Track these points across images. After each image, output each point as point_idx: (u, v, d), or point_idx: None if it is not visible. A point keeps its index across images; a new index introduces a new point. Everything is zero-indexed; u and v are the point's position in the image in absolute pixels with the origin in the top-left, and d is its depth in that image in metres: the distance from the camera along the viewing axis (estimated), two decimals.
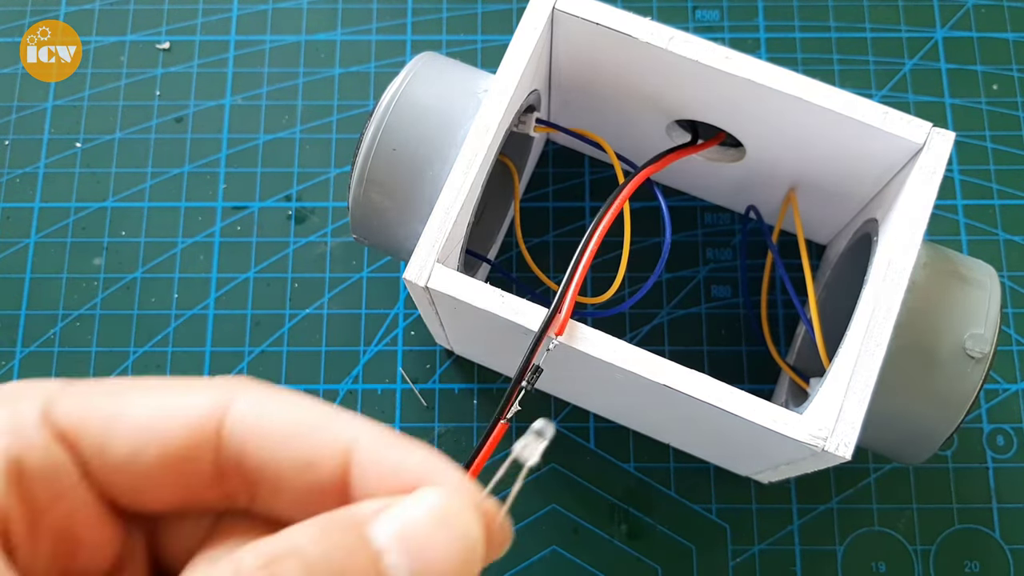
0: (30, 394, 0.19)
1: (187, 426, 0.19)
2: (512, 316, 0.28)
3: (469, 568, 0.18)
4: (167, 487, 0.20)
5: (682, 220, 0.41)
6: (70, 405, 0.19)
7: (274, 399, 0.20)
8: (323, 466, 0.19)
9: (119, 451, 0.19)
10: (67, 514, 0.19)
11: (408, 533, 0.17)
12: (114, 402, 0.19)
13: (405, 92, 0.32)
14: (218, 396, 0.19)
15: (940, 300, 0.30)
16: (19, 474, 0.18)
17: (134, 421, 0.19)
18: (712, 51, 0.31)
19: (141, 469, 0.19)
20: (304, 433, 0.19)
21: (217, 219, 0.42)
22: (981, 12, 0.44)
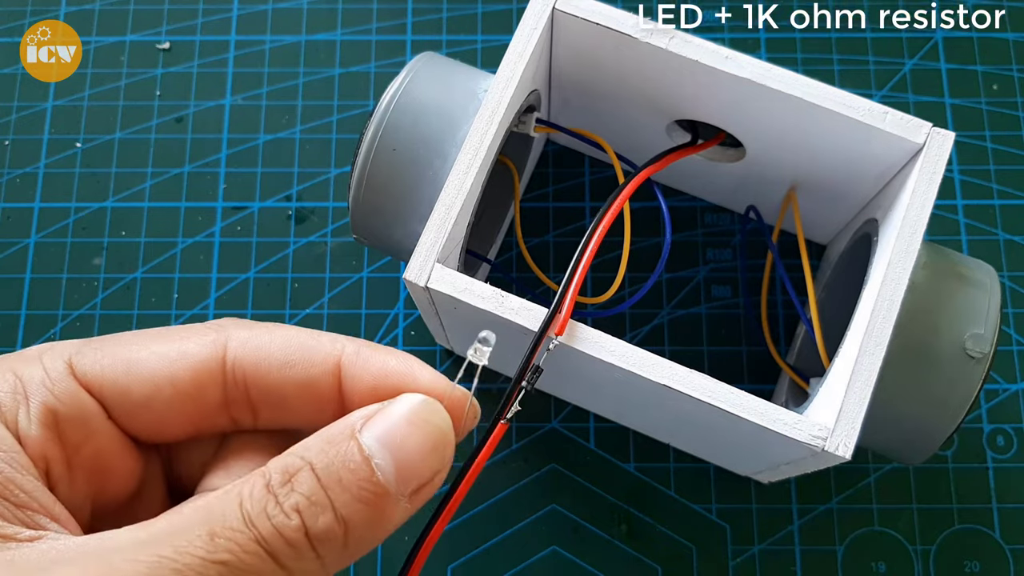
0: (54, 351, 0.23)
1: (193, 366, 0.23)
2: (512, 316, 0.28)
3: (442, 452, 0.22)
4: (182, 419, 0.23)
5: (682, 220, 0.41)
6: (90, 358, 0.23)
7: (265, 332, 0.23)
8: (319, 381, 0.23)
9: (138, 394, 0.22)
10: (96, 451, 0.23)
11: (388, 435, 0.21)
12: (128, 351, 0.23)
13: (405, 92, 0.32)
14: (215, 337, 0.23)
15: (940, 300, 0.30)
16: (54, 421, 0.22)
17: (148, 366, 0.22)
18: (712, 51, 0.31)
19: (158, 407, 0.23)
20: (297, 356, 0.23)
21: (217, 219, 0.42)
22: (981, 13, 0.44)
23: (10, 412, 0.21)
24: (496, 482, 0.38)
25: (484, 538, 0.38)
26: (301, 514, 0.20)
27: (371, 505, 0.21)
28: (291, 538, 0.20)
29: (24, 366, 0.22)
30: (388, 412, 0.22)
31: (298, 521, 0.20)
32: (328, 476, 0.21)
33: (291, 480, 0.21)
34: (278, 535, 0.20)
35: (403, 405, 0.22)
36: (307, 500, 0.21)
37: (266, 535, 0.20)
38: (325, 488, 0.21)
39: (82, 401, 0.22)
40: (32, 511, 0.21)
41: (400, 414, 0.22)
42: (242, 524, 0.20)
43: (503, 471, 0.38)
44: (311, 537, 0.20)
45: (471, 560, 0.37)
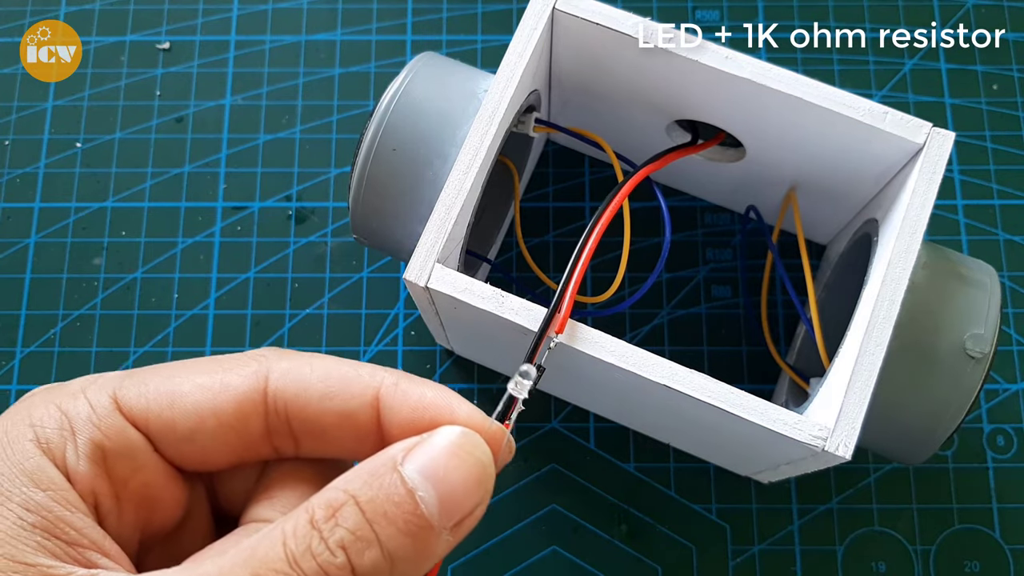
0: (98, 385, 0.23)
1: (236, 399, 0.23)
2: (512, 316, 0.28)
3: (484, 485, 0.22)
4: (225, 450, 0.23)
5: (682, 220, 0.41)
6: (135, 391, 0.23)
7: (305, 363, 0.24)
8: (358, 413, 0.23)
9: (183, 427, 0.23)
10: (144, 484, 0.23)
11: (431, 467, 0.21)
12: (171, 384, 0.23)
13: (405, 92, 0.32)
14: (256, 369, 0.23)
15: (940, 300, 0.30)
16: (102, 456, 0.22)
17: (191, 399, 0.23)
18: (712, 51, 0.31)
19: (203, 439, 0.23)
20: (337, 387, 0.23)
21: (217, 219, 0.42)
22: (981, 12, 0.44)
23: (58, 449, 0.22)
24: (496, 482, 0.38)
25: (484, 538, 0.38)
26: (347, 550, 0.20)
27: (416, 538, 0.21)
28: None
29: (69, 401, 0.22)
30: (430, 444, 0.22)
31: (344, 558, 0.20)
32: (373, 510, 0.21)
33: (335, 515, 0.21)
34: (323, 574, 0.20)
35: (444, 437, 0.22)
36: (353, 535, 0.20)
37: (310, 574, 0.20)
38: (371, 522, 0.21)
39: (128, 436, 0.22)
40: (84, 548, 0.21)
41: (442, 446, 0.22)
42: (286, 564, 0.20)
43: (503, 471, 0.38)
44: (357, 573, 0.20)
45: (471, 560, 0.37)
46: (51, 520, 0.21)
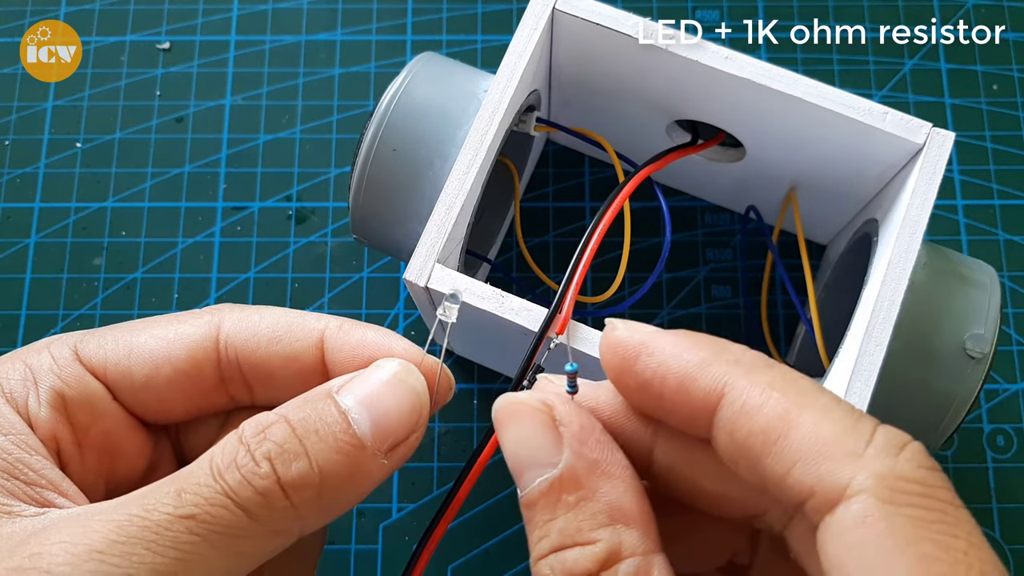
0: (61, 340, 0.24)
1: (189, 347, 0.24)
2: (512, 316, 0.28)
3: (417, 411, 0.23)
4: (182, 398, 0.24)
5: (682, 220, 0.41)
6: (94, 343, 0.24)
7: (255, 312, 0.25)
8: (303, 356, 0.24)
9: (139, 375, 0.24)
10: (105, 432, 0.24)
11: (365, 393, 0.22)
12: (128, 337, 0.24)
13: (405, 92, 0.32)
14: (210, 319, 0.24)
15: (940, 300, 0.30)
16: (63, 404, 0.23)
17: (147, 348, 0.24)
18: (712, 51, 0.31)
19: (159, 387, 0.24)
20: (283, 333, 0.24)
21: (217, 219, 0.42)
22: (981, 12, 0.44)
23: (20, 397, 0.23)
24: (496, 482, 0.38)
25: (484, 538, 0.38)
26: (272, 462, 0.21)
27: (348, 456, 0.21)
28: (261, 486, 0.20)
29: (33, 355, 0.24)
30: (364, 375, 0.23)
31: (268, 468, 0.21)
32: (304, 427, 0.21)
33: (264, 431, 0.21)
34: (247, 484, 0.20)
35: (379, 367, 0.23)
36: (279, 447, 0.21)
37: (234, 485, 0.20)
38: (300, 437, 0.21)
39: (88, 384, 0.23)
40: (41, 488, 0.22)
41: (376, 375, 0.23)
42: (210, 478, 0.20)
43: (503, 471, 0.38)
44: (283, 484, 0.21)
45: (471, 560, 0.37)
46: (10, 462, 0.22)
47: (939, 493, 0.17)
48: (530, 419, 0.21)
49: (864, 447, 0.18)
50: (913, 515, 0.17)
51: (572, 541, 0.20)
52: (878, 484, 0.17)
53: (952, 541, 0.17)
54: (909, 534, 0.17)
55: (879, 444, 0.18)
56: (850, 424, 0.18)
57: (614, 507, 0.20)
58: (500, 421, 0.22)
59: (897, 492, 0.17)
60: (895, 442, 0.18)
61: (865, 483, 0.17)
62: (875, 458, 0.17)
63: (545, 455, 0.21)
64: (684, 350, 0.21)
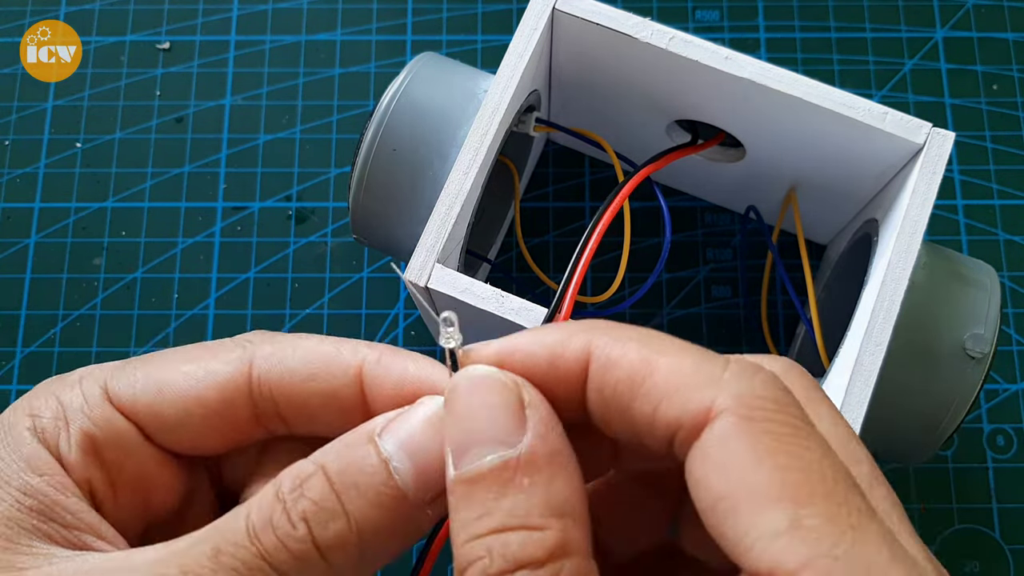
0: (92, 376, 0.23)
1: (220, 384, 0.23)
2: (512, 316, 0.28)
3: None
4: (215, 435, 0.23)
5: (682, 220, 0.41)
6: (125, 382, 0.23)
7: (288, 344, 0.24)
8: (341, 393, 0.23)
9: (170, 416, 0.23)
10: (138, 470, 0.23)
11: (408, 438, 0.21)
12: (160, 373, 0.23)
13: (405, 92, 0.32)
14: (241, 355, 0.23)
15: (940, 300, 0.30)
16: (92, 445, 0.22)
17: (177, 387, 0.23)
18: (712, 51, 0.31)
19: (190, 427, 0.23)
20: (319, 368, 0.23)
21: (217, 219, 0.42)
22: (981, 12, 0.44)
23: (52, 437, 0.22)
24: None
25: None
26: (308, 522, 0.20)
27: (388, 511, 0.20)
28: (296, 549, 0.20)
29: (66, 391, 0.23)
30: (407, 415, 0.21)
31: (304, 530, 0.20)
32: (342, 480, 0.20)
33: (302, 485, 0.20)
34: (282, 547, 0.20)
35: (423, 408, 0.21)
36: (316, 506, 0.20)
37: (270, 548, 0.20)
38: (338, 493, 0.20)
39: (117, 425, 0.23)
40: (79, 531, 0.21)
41: (419, 416, 0.21)
42: (246, 538, 0.20)
43: None
44: (320, 546, 0.20)
45: None
46: (47, 504, 0.21)
47: (792, 410, 0.18)
48: (498, 393, 0.20)
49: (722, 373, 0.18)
50: (770, 429, 0.18)
51: (520, 523, 0.18)
52: (737, 403, 0.18)
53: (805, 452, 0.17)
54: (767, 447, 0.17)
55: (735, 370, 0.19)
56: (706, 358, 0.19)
57: (567, 501, 0.19)
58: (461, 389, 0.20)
59: (755, 409, 0.18)
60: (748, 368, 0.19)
61: (725, 403, 0.18)
62: (732, 381, 0.18)
63: (504, 433, 0.19)
64: (541, 335, 0.21)
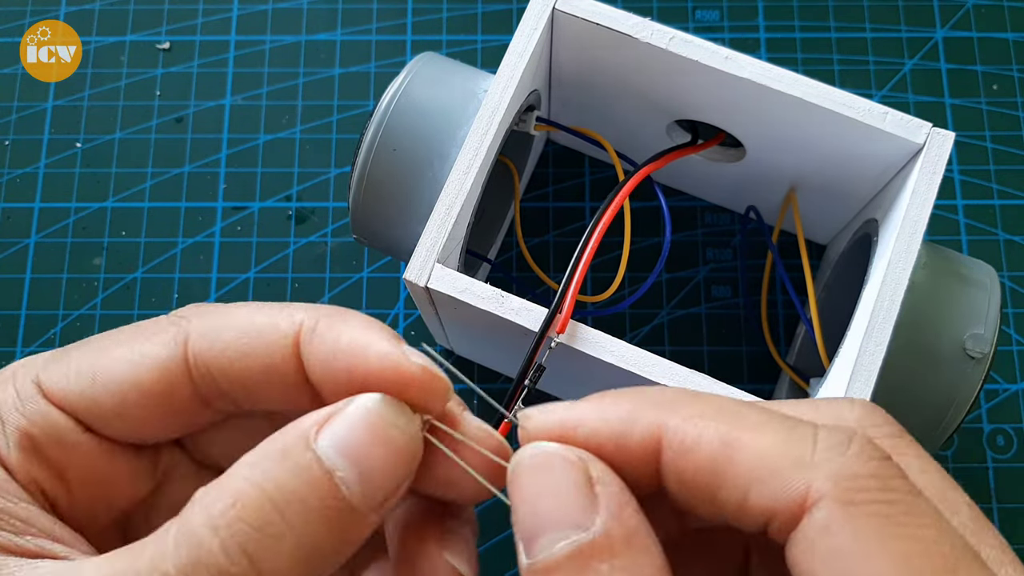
0: (25, 369, 0.22)
1: (156, 367, 0.21)
2: (512, 316, 0.28)
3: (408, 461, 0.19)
4: (158, 421, 0.22)
5: (682, 220, 0.41)
6: (57, 373, 0.22)
7: (221, 318, 0.22)
8: (280, 366, 0.21)
9: (107, 404, 0.21)
10: (86, 464, 0.21)
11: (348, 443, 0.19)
12: (92, 361, 0.21)
13: (405, 92, 0.32)
14: (175, 334, 0.21)
15: (940, 300, 0.30)
16: (31, 443, 0.21)
17: (111, 375, 0.21)
18: (712, 51, 0.31)
19: (129, 414, 0.21)
20: (254, 343, 0.21)
21: (217, 219, 0.42)
22: (981, 12, 0.44)
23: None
24: None
25: (484, 538, 0.37)
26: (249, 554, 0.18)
27: (335, 524, 0.18)
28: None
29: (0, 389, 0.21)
30: (345, 415, 0.19)
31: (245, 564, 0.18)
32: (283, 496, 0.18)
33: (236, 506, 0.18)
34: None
35: (359, 407, 0.19)
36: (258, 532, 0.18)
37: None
38: (281, 511, 0.18)
39: (54, 419, 0.21)
40: (32, 536, 0.20)
41: (358, 417, 0.19)
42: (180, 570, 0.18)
43: None
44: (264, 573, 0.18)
45: None
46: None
47: (896, 484, 0.16)
48: (563, 472, 0.18)
49: (811, 452, 0.17)
50: (878, 512, 0.16)
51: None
52: (836, 487, 0.16)
53: (922, 531, 0.16)
54: (879, 533, 0.16)
55: (825, 445, 0.17)
56: (790, 433, 0.17)
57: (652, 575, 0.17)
58: (524, 470, 0.19)
59: (856, 491, 0.16)
60: (840, 439, 0.17)
61: (823, 488, 0.16)
62: (825, 461, 0.16)
63: (575, 515, 0.18)
64: (606, 410, 0.19)
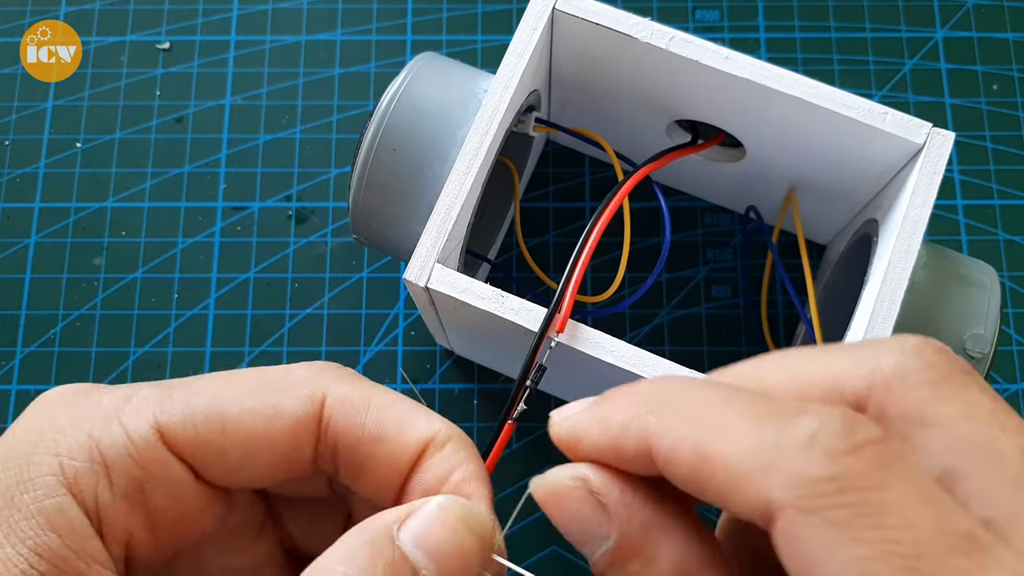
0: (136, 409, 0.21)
1: (290, 428, 0.21)
2: (512, 316, 0.28)
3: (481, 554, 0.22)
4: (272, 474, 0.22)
5: (682, 220, 0.41)
6: (180, 417, 0.21)
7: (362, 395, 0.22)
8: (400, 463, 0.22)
9: (234, 456, 0.21)
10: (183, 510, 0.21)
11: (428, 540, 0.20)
12: (219, 408, 0.21)
13: (405, 92, 0.32)
14: (311, 394, 0.22)
15: (940, 300, 0.30)
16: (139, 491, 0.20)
17: (243, 426, 0.21)
18: (712, 51, 0.31)
19: (253, 467, 0.21)
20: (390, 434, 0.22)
21: (217, 219, 0.42)
22: (981, 12, 0.44)
23: (88, 486, 0.20)
24: (496, 482, 0.38)
25: None
26: None
27: None
28: None
29: (102, 428, 0.20)
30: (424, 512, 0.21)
31: None
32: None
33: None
34: None
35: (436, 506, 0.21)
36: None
37: None
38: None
39: (171, 469, 0.21)
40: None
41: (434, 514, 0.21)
42: None
43: (503, 471, 0.38)
44: None
45: None
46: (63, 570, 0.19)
47: (856, 481, 0.16)
48: (569, 498, 0.20)
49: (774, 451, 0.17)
50: (835, 519, 0.16)
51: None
52: (793, 496, 0.16)
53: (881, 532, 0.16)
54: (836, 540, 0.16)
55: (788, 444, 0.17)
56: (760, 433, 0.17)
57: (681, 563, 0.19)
58: (542, 503, 0.21)
59: (812, 498, 0.16)
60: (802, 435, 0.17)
61: (782, 497, 0.16)
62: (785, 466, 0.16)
63: (596, 528, 0.20)
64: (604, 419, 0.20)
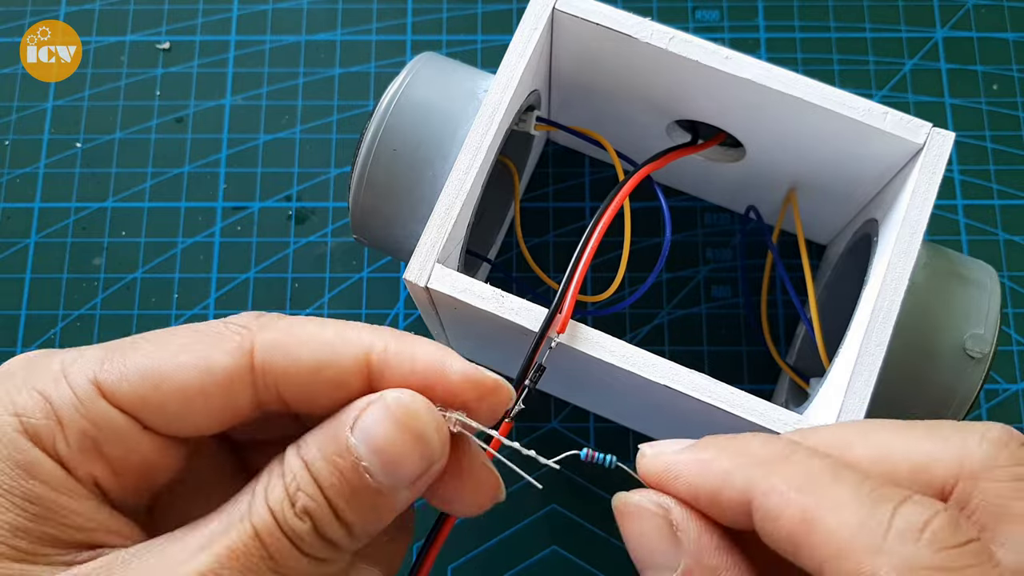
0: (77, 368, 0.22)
1: (222, 377, 0.22)
2: (512, 316, 0.28)
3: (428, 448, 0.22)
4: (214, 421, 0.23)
5: (682, 220, 0.41)
6: (117, 374, 0.22)
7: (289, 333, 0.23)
8: (349, 381, 0.23)
9: (171, 408, 0.22)
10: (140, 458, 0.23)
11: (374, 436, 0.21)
12: (154, 365, 0.22)
13: (405, 92, 0.32)
14: (240, 343, 0.23)
15: (940, 300, 0.30)
16: (93, 443, 0.22)
17: (177, 380, 0.22)
18: (712, 51, 0.31)
19: (191, 417, 0.23)
20: (326, 359, 0.22)
21: (217, 219, 0.42)
22: (981, 12, 0.44)
23: (48, 439, 0.22)
24: None
25: (484, 538, 0.38)
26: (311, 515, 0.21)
27: (367, 502, 0.22)
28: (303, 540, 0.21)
29: (51, 386, 0.22)
30: (374, 408, 0.22)
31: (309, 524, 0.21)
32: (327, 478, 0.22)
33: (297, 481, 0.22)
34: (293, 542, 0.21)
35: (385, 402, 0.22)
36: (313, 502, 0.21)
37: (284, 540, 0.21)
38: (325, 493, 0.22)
39: (116, 421, 0.22)
40: (91, 531, 0.22)
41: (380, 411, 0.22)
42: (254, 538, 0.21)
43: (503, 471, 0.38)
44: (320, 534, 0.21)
45: (471, 560, 0.37)
46: (55, 509, 0.21)
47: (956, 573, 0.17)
48: (648, 520, 0.21)
49: (883, 538, 0.18)
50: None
51: None
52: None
53: None
54: None
55: (897, 531, 0.18)
56: (867, 515, 0.18)
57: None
58: (618, 516, 0.22)
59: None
60: (915, 525, 0.18)
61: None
62: (894, 550, 0.17)
63: (663, 558, 0.21)
64: (705, 465, 0.21)
